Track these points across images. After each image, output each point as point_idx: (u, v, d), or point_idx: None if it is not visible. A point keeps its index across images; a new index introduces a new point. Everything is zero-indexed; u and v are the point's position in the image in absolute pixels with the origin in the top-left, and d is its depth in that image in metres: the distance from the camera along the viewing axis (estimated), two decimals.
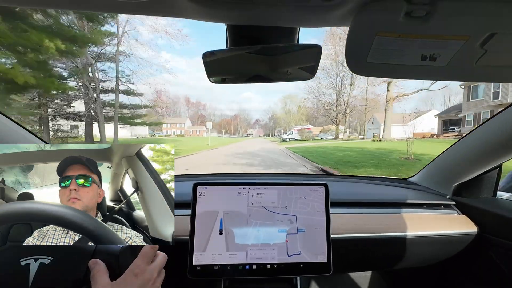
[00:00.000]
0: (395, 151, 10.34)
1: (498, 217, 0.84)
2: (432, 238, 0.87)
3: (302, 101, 57.06)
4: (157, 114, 33.46)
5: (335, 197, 0.93)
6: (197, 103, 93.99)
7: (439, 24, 0.33)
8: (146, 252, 0.47)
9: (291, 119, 52.20)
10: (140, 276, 0.44)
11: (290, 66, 0.53)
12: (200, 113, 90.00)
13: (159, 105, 25.85)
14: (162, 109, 62.07)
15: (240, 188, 0.70)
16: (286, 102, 59.51)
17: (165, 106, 72.66)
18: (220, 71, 0.55)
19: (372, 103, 27.70)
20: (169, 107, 76.79)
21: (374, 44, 0.36)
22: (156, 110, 22.96)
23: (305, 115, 54.11)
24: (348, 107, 27.50)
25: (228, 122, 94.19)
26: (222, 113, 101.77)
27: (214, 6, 0.33)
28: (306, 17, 0.37)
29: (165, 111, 71.98)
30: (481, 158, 0.86)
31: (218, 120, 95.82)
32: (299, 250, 0.67)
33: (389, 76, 0.46)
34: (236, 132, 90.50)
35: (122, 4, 0.34)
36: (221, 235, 0.66)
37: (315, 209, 0.70)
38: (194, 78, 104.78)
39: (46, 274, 0.47)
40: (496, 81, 0.45)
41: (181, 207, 0.80)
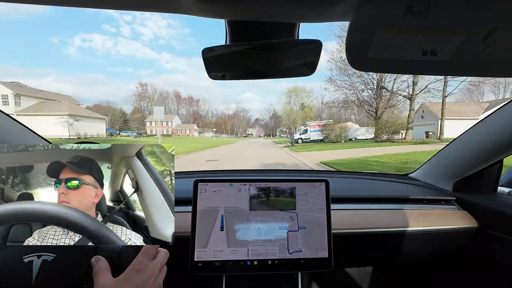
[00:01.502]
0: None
1: (499, 212, 0.84)
2: (432, 233, 0.87)
3: (308, 95, 47.09)
4: (141, 111, 31.18)
5: (336, 193, 0.93)
6: (189, 98, 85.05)
7: (440, 18, 0.32)
8: (148, 249, 0.47)
9: (297, 115, 43.99)
10: (142, 272, 0.44)
11: (290, 62, 0.53)
12: (193, 110, 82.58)
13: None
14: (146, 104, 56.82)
15: (241, 184, 0.70)
16: (291, 96, 50.44)
17: (151, 100, 59.09)
18: (219, 67, 0.54)
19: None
20: (156, 102, 70.70)
21: (375, 39, 0.36)
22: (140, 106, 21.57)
23: (312, 112, 46.90)
24: (392, 94, 19.21)
25: (224, 121, 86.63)
26: (223, 113, 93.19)
27: (213, 2, 0.33)
28: (306, 12, 0.36)
29: (151, 107, 66.53)
30: (482, 154, 0.86)
31: (215, 119, 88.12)
32: (300, 248, 0.67)
33: (390, 71, 0.45)
34: (233, 131, 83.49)
35: (120, 0, 0.33)
36: (222, 231, 0.66)
37: (316, 206, 0.70)
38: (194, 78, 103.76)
39: (49, 271, 0.47)
40: (498, 76, 0.45)
41: (182, 204, 0.81)
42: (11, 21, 79.46)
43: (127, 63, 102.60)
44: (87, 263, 0.48)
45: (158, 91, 74.63)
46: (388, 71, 0.45)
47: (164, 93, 77.04)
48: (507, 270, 0.83)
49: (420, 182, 1.13)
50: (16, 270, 0.46)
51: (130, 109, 65.92)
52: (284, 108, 51.07)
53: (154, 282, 0.45)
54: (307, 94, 50.68)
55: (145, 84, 74.11)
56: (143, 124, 59.00)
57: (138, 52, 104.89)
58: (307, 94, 50.68)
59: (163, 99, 75.09)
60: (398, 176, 1.26)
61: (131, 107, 67.64)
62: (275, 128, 77.26)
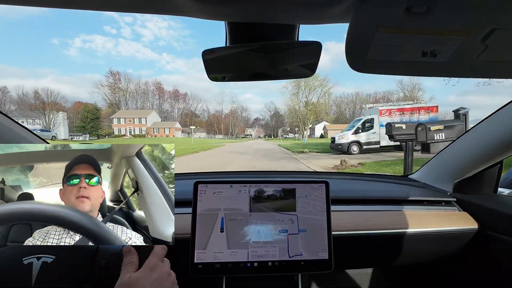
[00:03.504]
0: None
1: (499, 213, 0.84)
2: (433, 234, 0.87)
3: (322, 83, 31.88)
4: (112, 106, 25.41)
5: (336, 195, 0.93)
6: (174, 91, 69.52)
7: (440, 19, 0.32)
8: (158, 251, 0.50)
9: (308, 111, 35.07)
10: (155, 270, 0.47)
11: (290, 63, 0.53)
12: (181, 107, 68.68)
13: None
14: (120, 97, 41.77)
15: (241, 186, 0.70)
16: (300, 85, 39.20)
17: (126, 93, 50.82)
18: (219, 69, 0.54)
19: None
20: (133, 95, 58.10)
21: (374, 40, 0.36)
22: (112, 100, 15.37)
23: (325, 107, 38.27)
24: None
25: (217, 119, 71.82)
26: (217, 110, 78.53)
27: (213, 4, 0.33)
28: (305, 14, 0.36)
29: (127, 100, 57.37)
30: (482, 155, 0.86)
31: (207, 117, 74.40)
32: (300, 251, 0.67)
33: (390, 72, 0.45)
34: (228, 132, 68.83)
35: (120, 3, 0.34)
36: (222, 233, 0.66)
37: (316, 208, 0.70)
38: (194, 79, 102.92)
39: (49, 273, 0.47)
40: (497, 77, 0.45)
41: (182, 205, 0.81)
42: (10, 21, 79.62)
43: (127, 64, 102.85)
44: (87, 265, 0.48)
45: (134, 81, 62.48)
46: (387, 72, 0.45)
47: (143, 84, 64.09)
48: (508, 271, 0.83)
49: (420, 183, 1.13)
50: (16, 272, 0.46)
51: (101, 104, 53.60)
52: (290, 100, 39.32)
53: (168, 278, 0.48)
54: (320, 83, 38.13)
55: (118, 73, 60.83)
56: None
57: (139, 53, 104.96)
58: (320, 83, 38.13)
59: (143, 93, 63.53)
60: (398, 177, 1.26)
61: (102, 102, 55.12)
62: (277, 127, 71.57)
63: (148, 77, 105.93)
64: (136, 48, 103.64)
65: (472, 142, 0.89)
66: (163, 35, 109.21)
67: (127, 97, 58.45)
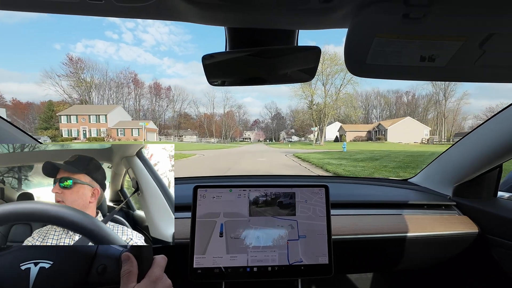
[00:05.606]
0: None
1: (499, 217, 0.84)
2: (433, 238, 0.86)
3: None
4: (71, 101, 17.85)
5: (336, 199, 0.92)
6: (155, 84, 54.91)
7: (437, 25, 0.33)
8: (160, 261, 0.50)
9: (326, 105, 25.90)
10: (158, 283, 0.47)
11: (289, 68, 0.54)
12: (162, 104, 54.05)
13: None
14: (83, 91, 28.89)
15: (240, 190, 0.70)
16: (323, 65, 27.01)
17: (89, 85, 35.64)
18: (219, 74, 0.55)
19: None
20: (99, 87, 43.82)
21: (373, 45, 0.36)
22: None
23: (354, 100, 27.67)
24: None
25: (208, 119, 58.14)
26: (211, 112, 62.96)
27: (213, 9, 0.34)
28: (305, 20, 0.37)
29: (90, 94, 41.69)
30: (482, 159, 0.86)
31: (197, 118, 59.57)
32: (300, 258, 0.67)
33: (389, 77, 0.46)
34: (220, 135, 56.65)
35: (120, 8, 0.34)
36: (221, 237, 0.66)
37: (316, 213, 0.70)
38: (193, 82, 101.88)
39: (47, 279, 0.47)
40: (495, 81, 0.45)
41: (182, 210, 0.80)
42: (10, 26, 79.65)
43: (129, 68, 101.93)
44: (85, 269, 0.47)
45: (99, 70, 47.73)
46: (386, 77, 0.46)
47: (116, 76, 49.38)
48: (508, 275, 0.82)
49: (420, 187, 1.13)
50: (13, 278, 0.46)
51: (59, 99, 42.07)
52: (302, 91, 28.52)
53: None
54: (341, 68, 26.74)
55: (79, 59, 45.48)
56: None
57: (140, 58, 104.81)
58: (341, 68, 26.74)
59: (116, 86, 48.59)
60: (397, 181, 1.25)
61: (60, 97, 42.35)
62: (278, 130, 65.32)
63: (148, 80, 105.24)
64: (137, 53, 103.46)
65: (471, 146, 0.89)
66: (165, 40, 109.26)
67: (88, 90, 44.42)
